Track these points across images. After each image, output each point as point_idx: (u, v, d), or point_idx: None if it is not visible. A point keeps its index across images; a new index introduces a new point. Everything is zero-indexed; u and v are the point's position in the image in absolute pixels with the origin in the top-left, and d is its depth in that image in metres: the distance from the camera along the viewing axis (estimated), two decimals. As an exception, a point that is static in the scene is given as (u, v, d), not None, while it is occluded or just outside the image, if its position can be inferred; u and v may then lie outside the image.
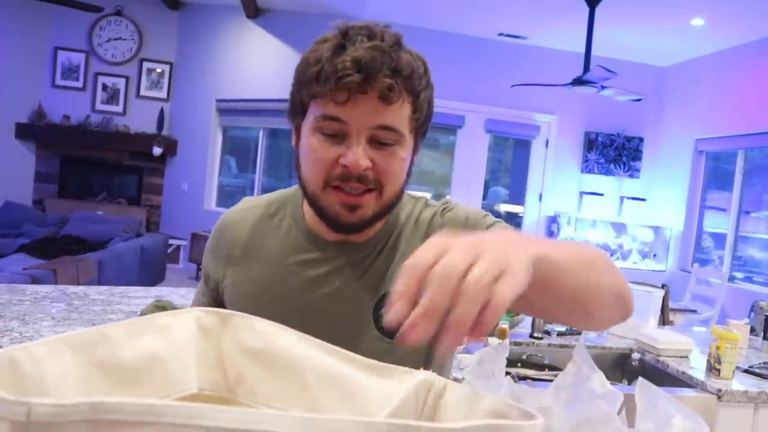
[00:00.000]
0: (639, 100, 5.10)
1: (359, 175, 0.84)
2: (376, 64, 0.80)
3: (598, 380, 0.64)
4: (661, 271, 6.47)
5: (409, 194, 0.99)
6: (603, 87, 4.80)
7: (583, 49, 4.94)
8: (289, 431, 0.34)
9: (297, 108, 0.89)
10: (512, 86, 5.67)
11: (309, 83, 0.84)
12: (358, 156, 0.82)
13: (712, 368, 2.09)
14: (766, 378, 2.11)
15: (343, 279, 0.93)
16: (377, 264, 0.93)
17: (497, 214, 6.92)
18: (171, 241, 6.68)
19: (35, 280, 3.60)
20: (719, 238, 6.10)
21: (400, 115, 0.85)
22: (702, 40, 5.78)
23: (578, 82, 4.78)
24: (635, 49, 6.30)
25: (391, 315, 0.48)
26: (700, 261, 6.20)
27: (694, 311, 4.86)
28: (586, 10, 4.92)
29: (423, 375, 0.58)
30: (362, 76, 0.80)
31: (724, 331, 2.07)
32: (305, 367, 0.55)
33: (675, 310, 4.74)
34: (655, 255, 6.50)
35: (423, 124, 0.90)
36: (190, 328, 0.54)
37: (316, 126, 0.85)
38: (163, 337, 0.51)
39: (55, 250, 5.13)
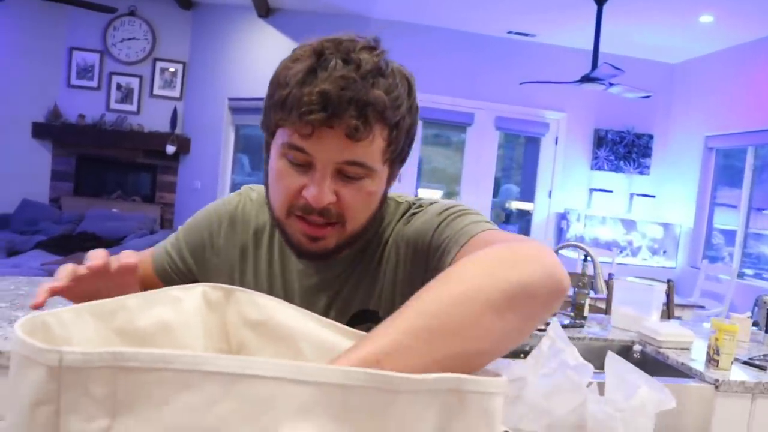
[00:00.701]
0: (647, 97, 5.12)
1: (321, 210, 0.81)
2: (344, 100, 0.75)
3: (570, 353, 0.70)
4: (671, 267, 6.48)
5: (396, 200, 0.96)
6: (611, 84, 4.83)
7: (592, 47, 4.97)
8: (276, 374, 0.40)
9: (267, 126, 0.87)
10: (521, 84, 5.71)
11: (275, 108, 0.81)
12: (320, 191, 0.79)
13: (711, 359, 2.13)
14: (764, 369, 2.15)
15: (315, 298, 0.93)
16: (351, 282, 0.92)
17: (508, 212, 7.00)
18: (184, 238, 6.77)
19: (52, 275, 3.69)
20: (730, 235, 6.10)
21: (371, 149, 0.80)
22: (711, 36, 5.79)
23: (586, 79, 4.81)
24: (644, 46, 6.31)
25: None
26: (710, 258, 6.20)
27: (702, 307, 4.87)
28: (595, 7, 4.96)
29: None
30: (326, 114, 0.75)
31: (722, 323, 2.11)
32: (301, 337, 0.61)
33: (683, 306, 4.76)
34: (665, 252, 6.51)
35: (401, 151, 0.86)
36: (198, 301, 0.60)
37: (283, 152, 0.82)
38: (174, 308, 0.58)
39: (71, 247, 5.24)
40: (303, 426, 0.41)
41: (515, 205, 7.10)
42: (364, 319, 0.90)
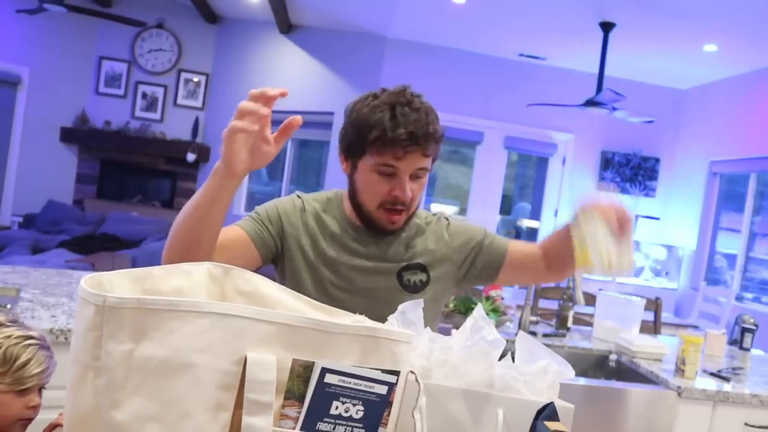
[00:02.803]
0: (650, 122, 5.29)
1: (404, 201, 1.29)
2: (423, 134, 1.23)
3: (488, 330, 0.89)
4: (673, 289, 6.59)
5: (432, 212, 1.50)
6: (614, 108, 5.01)
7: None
8: (246, 315, 0.61)
9: (355, 150, 1.29)
10: (528, 105, 5.90)
11: (374, 143, 1.24)
12: (408, 190, 1.28)
13: (679, 369, 2.30)
14: (728, 380, 2.31)
15: (377, 258, 1.37)
16: (400, 249, 1.39)
17: (518, 230, 7.16)
18: (200, 243, 7.00)
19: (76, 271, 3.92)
20: (733, 259, 6.21)
21: (430, 159, 1.30)
22: (716, 65, 5.94)
23: (590, 103, 4.99)
24: (653, 72, 6.48)
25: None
26: (713, 281, 6.31)
27: (696, 327, 4.99)
28: (602, 33, 5.15)
29: (357, 317, 0.84)
30: (417, 144, 1.24)
31: (688, 336, 2.28)
32: (278, 304, 0.82)
33: (678, 326, 4.90)
34: (667, 273, 6.63)
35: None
36: (204, 275, 0.81)
37: (376, 168, 1.27)
38: (186, 278, 0.78)
39: (93, 247, 5.49)
40: (263, 350, 0.61)
41: (526, 223, 7.26)
42: (412, 267, 1.38)
